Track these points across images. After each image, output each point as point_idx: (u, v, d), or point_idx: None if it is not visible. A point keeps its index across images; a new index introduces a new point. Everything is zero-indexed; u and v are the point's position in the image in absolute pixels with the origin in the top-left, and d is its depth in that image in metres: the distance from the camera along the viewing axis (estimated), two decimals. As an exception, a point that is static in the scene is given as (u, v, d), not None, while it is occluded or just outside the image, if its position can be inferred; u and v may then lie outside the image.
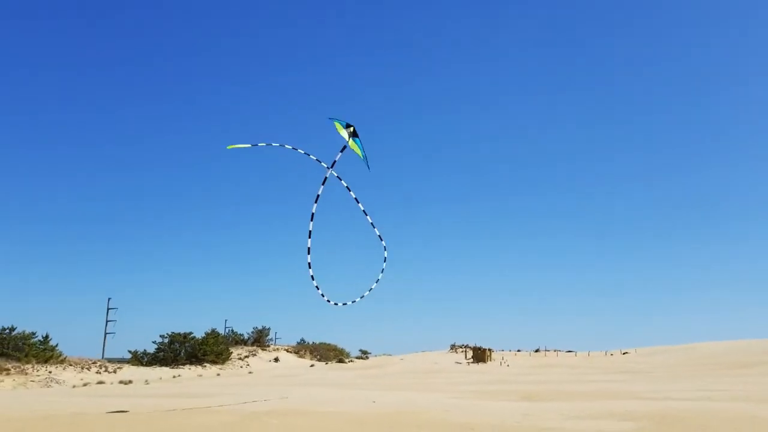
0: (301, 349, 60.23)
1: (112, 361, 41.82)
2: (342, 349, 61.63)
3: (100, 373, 34.91)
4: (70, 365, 35.00)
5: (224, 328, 63.31)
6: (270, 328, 60.05)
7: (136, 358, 42.89)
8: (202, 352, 43.87)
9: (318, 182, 14.74)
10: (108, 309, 53.35)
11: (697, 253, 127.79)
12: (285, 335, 66.51)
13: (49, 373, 32.12)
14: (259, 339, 58.06)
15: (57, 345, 35.87)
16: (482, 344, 64.53)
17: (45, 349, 34.70)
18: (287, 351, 58.56)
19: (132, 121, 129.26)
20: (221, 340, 48.40)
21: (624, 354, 69.51)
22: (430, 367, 50.13)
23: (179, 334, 44.19)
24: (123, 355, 45.76)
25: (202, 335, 45.64)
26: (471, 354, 61.59)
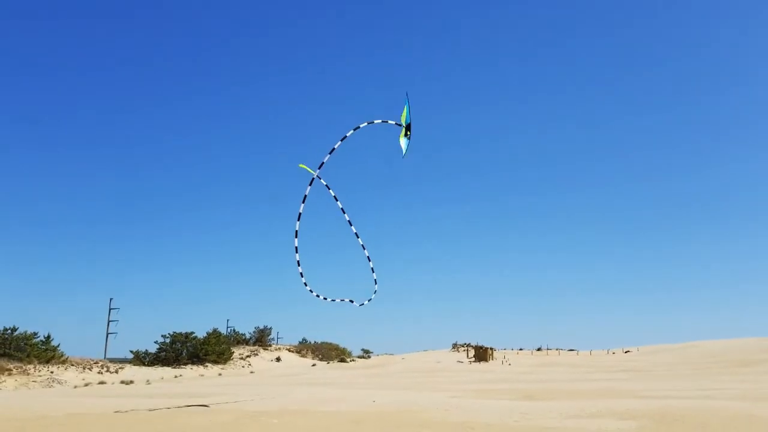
0: (303, 348, 60.30)
1: (114, 362, 41.88)
2: (344, 349, 61.71)
3: (102, 374, 34.97)
4: (72, 365, 35.05)
5: (226, 327, 63.49)
6: (272, 328, 60.16)
7: (138, 358, 42.95)
8: (203, 352, 43.92)
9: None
10: (110, 309, 53.55)
11: (699, 252, 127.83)
12: (287, 335, 66.68)
13: (51, 373, 32.19)
14: (261, 339, 58.13)
15: (59, 345, 35.98)
16: (484, 343, 64.58)
17: (47, 350, 34.76)
18: (289, 350, 58.64)
19: (133, 122, 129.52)
20: (223, 340, 48.45)
21: (626, 352, 69.50)
22: (432, 366, 50.13)
23: (181, 334, 44.25)
24: (125, 356, 45.86)
25: (204, 335, 45.71)
26: (473, 353, 61.57)
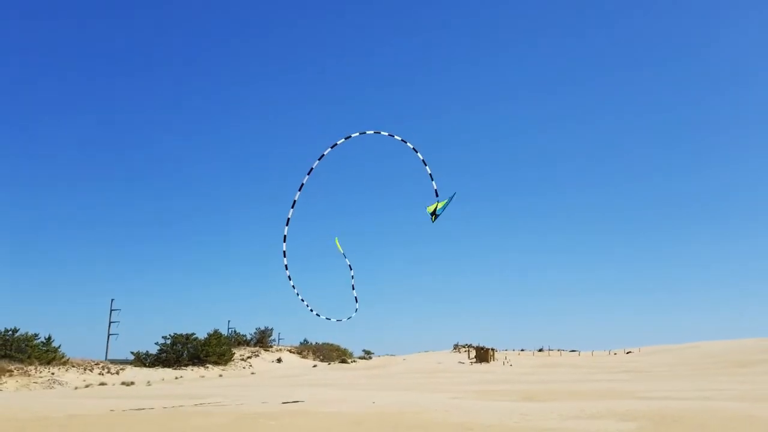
0: (304, 349, 60.29)
1: (115, 363, 41.92)
2: (345, 350, 61.67)
3: (103, 375, 35.00)
4: (73, 366, 35.07)
5: (227, 328, 63.41)
6: (273, 329, 60.11)
7: (139, 360, 42.96)
8: (204, 353, 43.92)
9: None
10: (111, 310, 53.48)
11: (700, 252, 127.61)
12: (288, 336, 66.68)
13: (52, 374, 32.22)
14: (262, 339, 58.10)
15: (60, 346, 35.99)
16: (486, 344, 64.55)
17: (48, 351, 34.78)
18: (290, 351, 58.64)
19: (134, 123, 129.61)
20: (224, 341, 48.43)
21: (627, 353, 69.41)
22: (433, 367, 50.12)
23: (181, 335, 44.26)
24: (126, 357, 45.87)
25: (205, 336, 45.72)
26: (474, 354, 61.53)
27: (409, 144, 15.13)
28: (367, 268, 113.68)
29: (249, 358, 50.30)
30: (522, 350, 75.72)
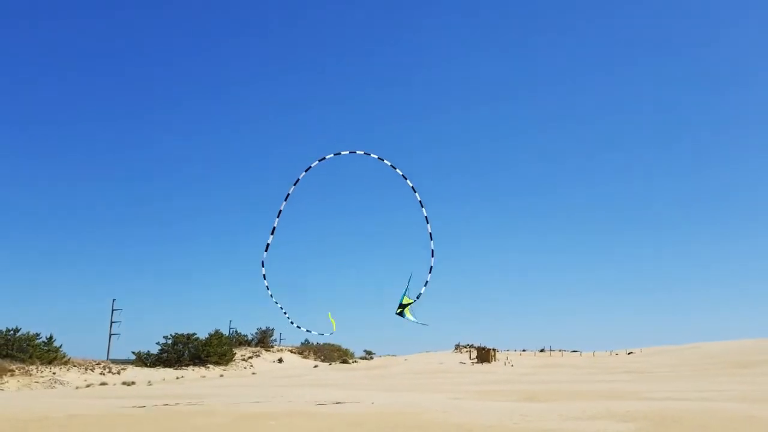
0: (305, 349, 60.27)
1: (117, 363, 41.98)
2: (346, 350, 61.62)
3: (104, 375, 35.05)
4: (74, 366, 35.14)
5: (228, 328, 63.41)
6: (274, 329, 60.12)
7: (140, 360, 43.01)
8: (205, 353, 43.96)
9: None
10: (113, 310, 53.51)
11: (701, 253, 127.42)
12: (289, 336, 66.63)
13: (53, 374, 32.27)
14: (263, 340, 58.12)
15: (61, 346, 36.07)
16: (487, 344, 64.48)
17: (49, 351, 34.84)
18: (291, 352, 58.66)
19: (136, 124, 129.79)
20: (225, 341, 48.46)
21: (629, 354, 69.32)
22: (434, 367, 50.09)
23: (182, 335, 44.30)
24: (128, 357, 45.93)
25: (206, 336, 45.76)
26: (475, 354, 61.47)
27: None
28: (369, 268, 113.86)
29: (250, 358, 50.33)
30: (524, 351, 75.71)
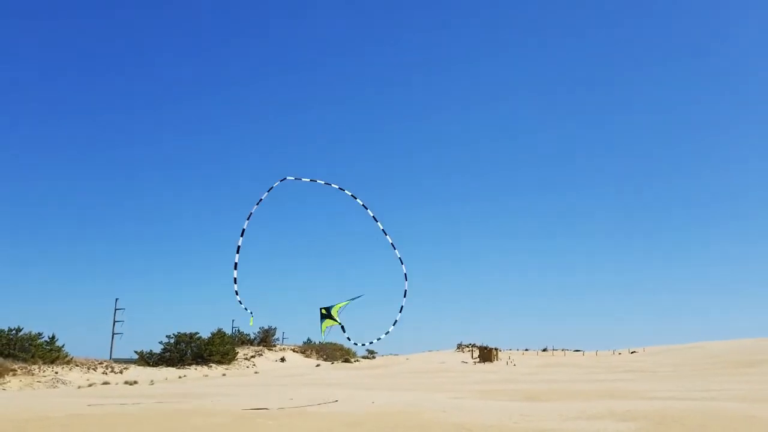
0: (308, 348, 60.28)
1: (119, 362, 42.04)
2: (348, 349, 61.58)
3: (107, 374, 35.08)
4: (77, 366, 35.19)
5: (231, 328, 63.47)
6: (276, 328, 60.15)
7: (143, 359, 43.05)
8: (208, 352, 43.99)
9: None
10: (115, 310, 53.58)
11: (705, 252, 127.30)
12: (292, 335, 66.68)
13: (56, 373, 32.31)
14: (266, 339, 58.17)
15: (63, 346, 36.14)
16: (489, 344, 64.40)
17: (51, 350, 34.90)
18: (294, 351, 58.66)
19: (138, 123, 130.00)
20: (227, 340, 48.49)
21: (632, 353, 69.19)
22: (436, 366, 50.07)
23: (185, 335, 44.32)
24: (131, 356, 45.98)
25: (208, 335, 45.79)
26: (477, 353, 61.42)
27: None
28: (370, 268, 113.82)
29: (252, 357, 50.37)
30: (526, 350, 75.63)
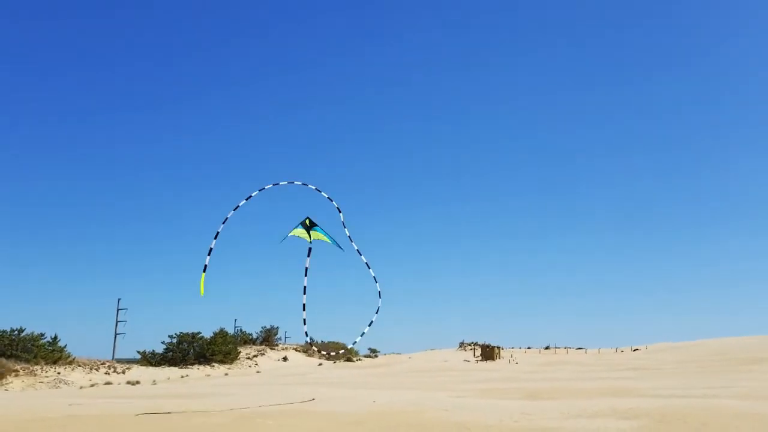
0: (310, 347, 60.28)
1: (122, 362, 42.07)
2: (351, 348, 61.58)
3: (109, 374, 35.10)
4: (79, 366, 35.20)
5: (234, 327, 63.56)
6: (279, 328, 60.20)
7: (145, 359, 43.09)
8: (210, 351, 44.02)
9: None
10: (118, 310, 53.60)
11: (708, 250, 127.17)
12: (294, 334, 66.66)
13: (58, 374, 32.33)
14: (268, 338, 58.23)
15: (66, 346, 36.15)
16: (492, 342, 64.38)
17: (54, 351, 34.92)
18: (296, 350, 58.70)
19: (140, 122, 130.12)
20: (229, 340, 48.52)
21: (634, 351, 69.08)
22: (438, 365, 50.03)
23: (187, 334, 44.35)
24: (134, 356, 46.03)
25: (211, 335, 45.82)
26: (479, 352, 61.38)
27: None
28: (373, 267, 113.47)
29: (255, 356, 50.40)
30: (528, 348, 75.57)
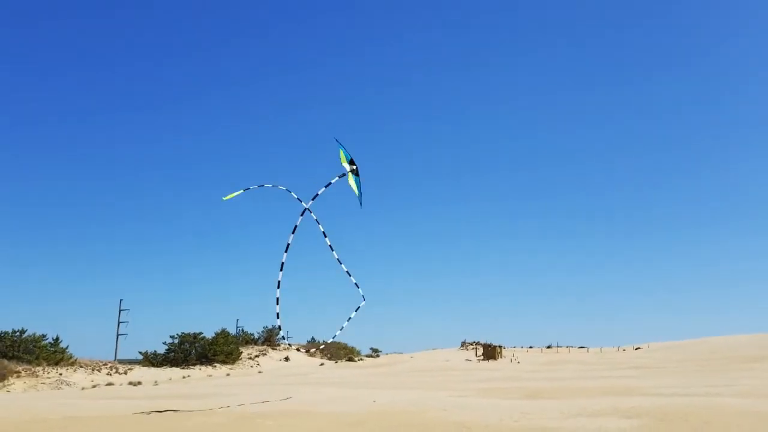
0: (312, 347, 60.34)
1: (124, 363, 42.13)
2: (352, 348, 61.68)
3: (111, 375, 35.14)
4: (81, 367, 35.25)
5: (235, 327, 63.61)
6: (280, 328, 60.14)
7: (147, 359, 43.16)
8: (212, 352, 44.06)
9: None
10: (120, 310, 53.66)
11: (710, 248, 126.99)
12: (296, 334, 66.73)
13: (60, 375, 32.37)
14: (270, 338, 58.23)
15: (68, 347, 36.24)
16: (494, 341, 64.30)
17: (56, 352, 34.98)
18: (298, 350, 58.66)
19: (138, 124, 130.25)
20: (231, 340, 48.57)
21: (636, 349, 68.91)
22: (440, 365, 50.00)
23: (189, 335, 44.40)
24: (136, 357, 46.07)
25: (212, 335, 45.86)
26: (481, 351, 61.33)
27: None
28: (375, 267, 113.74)
29: (257, 356, 50.43)
30: (530, 347, 75.47)
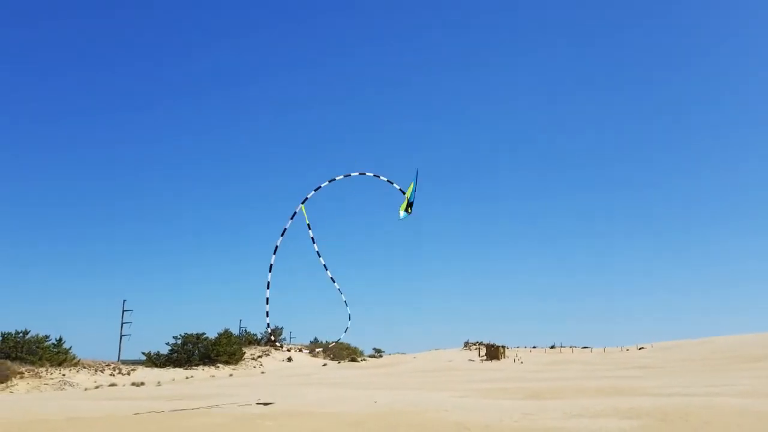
0: (315, 348, 60.40)
1: (127, 363, 42.22)
2: (355, 348, 61.63)
3: (114, 375, 35.22)
4: (84, 368, 35.35)
5: (238, 328, 63.65)
6: (283, 328, 60.28)
7: (150, 360, 43.23)
8: (215, 352, 44.12)
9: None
10: (123, 311, 53.78)
11: (713, 248, 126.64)
12: (299, 335, 66.84)
13: (63, 375, 32.46)
14: (271, 339, 58.25)
15: (71, 348, 36.35)
16: (497, 341, 64.16)
17: (59, 352, 35.09)
18: (300, 350, 58.76)
19: (138, 124, 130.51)
20: (234, 341, 48.63)
21: (640, 349, 68.70)
22: (443, 365, 49.96)
23: (192, 335, 44.47)
24: (139, 357, 46.19)
25: (215, 336, 45.92)
26: (484, 351, 61.23)
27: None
28: (377, 267, 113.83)
29: (260, 357, 50.47)
30: (534, 347, 75.26)
